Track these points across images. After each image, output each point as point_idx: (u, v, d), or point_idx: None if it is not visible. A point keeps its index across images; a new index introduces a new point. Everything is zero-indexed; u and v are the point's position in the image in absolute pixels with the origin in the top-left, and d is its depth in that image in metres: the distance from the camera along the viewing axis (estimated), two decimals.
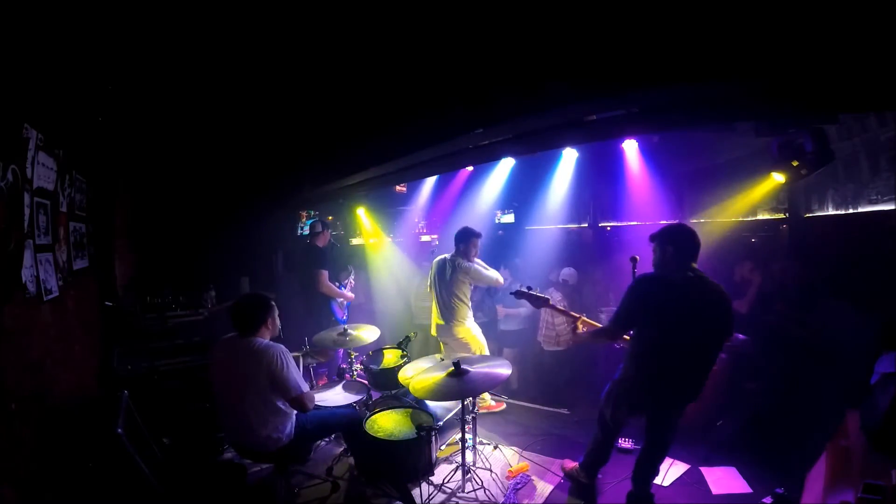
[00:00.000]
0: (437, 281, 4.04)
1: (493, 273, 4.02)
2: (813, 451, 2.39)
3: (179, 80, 2.89)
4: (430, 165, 4.45)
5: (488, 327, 4.63)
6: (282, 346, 2.51)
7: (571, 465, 3.06)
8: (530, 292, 3.13)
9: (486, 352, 4.06)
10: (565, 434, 3.74)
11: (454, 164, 4.48)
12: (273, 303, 2.65)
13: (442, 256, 4.11)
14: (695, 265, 2.45)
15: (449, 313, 3.97)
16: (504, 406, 4.17)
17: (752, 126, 3.27)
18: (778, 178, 3.45)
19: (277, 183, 4.74)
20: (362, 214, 6.11)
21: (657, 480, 2.80)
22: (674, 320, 2.35)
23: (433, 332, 4.16)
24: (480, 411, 3.97)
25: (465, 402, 2.94)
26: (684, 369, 2.41)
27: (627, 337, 2.77)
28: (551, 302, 3.16)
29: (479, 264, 4.00)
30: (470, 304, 4.05)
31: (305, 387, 2.56)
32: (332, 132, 3.77)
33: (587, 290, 5.02)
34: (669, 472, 3.06)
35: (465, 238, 3.97)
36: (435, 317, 4.09)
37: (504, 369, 2.80)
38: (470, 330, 4.01)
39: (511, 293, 3.26)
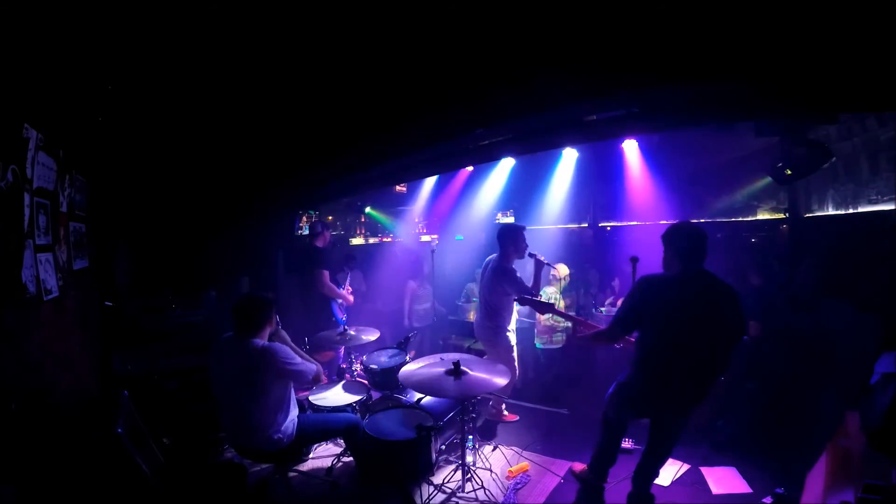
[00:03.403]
0: (481, 284, 3.81)
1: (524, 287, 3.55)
2: (813, 451, 2.39)
3: (179, 79, 2.89)
4: (430, 165, 4.46)
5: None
6: (278, 344, 2.54)
7: (581, 467, 3.05)
8: (534, 299, 3.12)
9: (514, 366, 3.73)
10: (565, 434, 3.74)
11: (454, 164, 4.50)
12: (272, 301, 2.66)
13: (490, 257, 3.80)
14: (701, 264, 2.40)
15: (485, 317, 3.71)
16: (517, 419, 3.99)
17: (752, 126, 3.27)
18: (776, 178, 3.45)
19: (278, 183, 4.74)
20: (365, 214, 6.12)
21: (657, 480, 2.80)
22: (676, 322, 2.33)
23: (476, 331, 3.92)
24: (489, 419, 3.93)
25: (466, 402, 2.94)
26: (689, 372, 2.37)
27: (630, 338, 2.76)
28: (555, 307, 3.14)
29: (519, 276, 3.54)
30: (507, 313, 3.66)
31: (313, 365, 2.65)
32: (332, 132, 3.77)
33: (586, 290, 5.03)
34: (669, 472, 3.06)
35: (506, 238, 3.60)
36: (476, 316, 3.89)
37: (501, 378, 2.74)
38: (500, 340, 3.68)
39: (514, 299, 3.25)
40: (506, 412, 4.04)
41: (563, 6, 2.20)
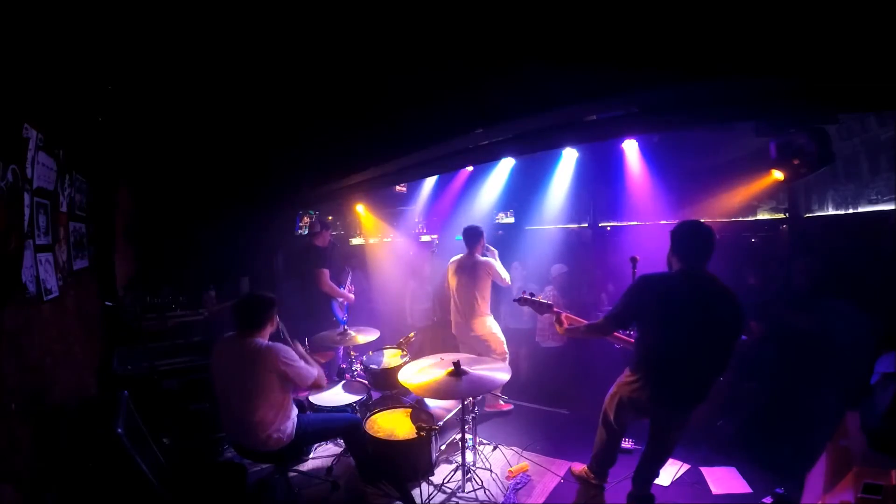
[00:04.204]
0: (456, 280, 4.09)
1: (504, 271, 4.10)
2: (813, 451, 2.39)
3: (179, 80, 2.89)
4: (430, 165, 4.45)
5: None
6: (280, 344, 2.54)
7: (580, 467, 3.05)
8: (533, 299, 3.11)
9: (506, 349, 4.08)
10: (565, 434, 3.74)
11: (454, 164, 4.49)
12: (274, 301, 2.66)
13: (457, 257, 4.17)
14: (704, 264, 2.37)
15: (469, 310, 4.01)
16: (511, 407, 4.19)
17: (752, 126, 3.27)
18: (777, 175, 3.44)
19: (278, 183, 4.74)
20: (362, 212, 6.11)
21: (657, 480, 2.80)
22: (676, 321, 2.32)
23: (454, 330, 4.19)
24: (488, 409, 4.07)
25: (466, 402, 2.94)
26: (689, 371, 2.36)
27: (624, 336, 2.76)
28: (554, 307, 3.14)
29: (496, 261, 4.10)
30: (487, 300, 4.10)
31: (314, 370, 2.63)
32: (333, 132, 3.77)
33: (586, 290, 5.02)
34: (669, 472, 3.06)
35: (476, 235, 4.08)
36: (455, 316, 4.14)
37: (502, 374, 2.77)
38: (490, 327, 4.06)
39: (514, 300, 3.27)
40: (501, 401, 4.14)
41: (563, 4, 2.20)
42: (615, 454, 2.83)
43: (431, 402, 3.26)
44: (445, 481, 3.01)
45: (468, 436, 3.07)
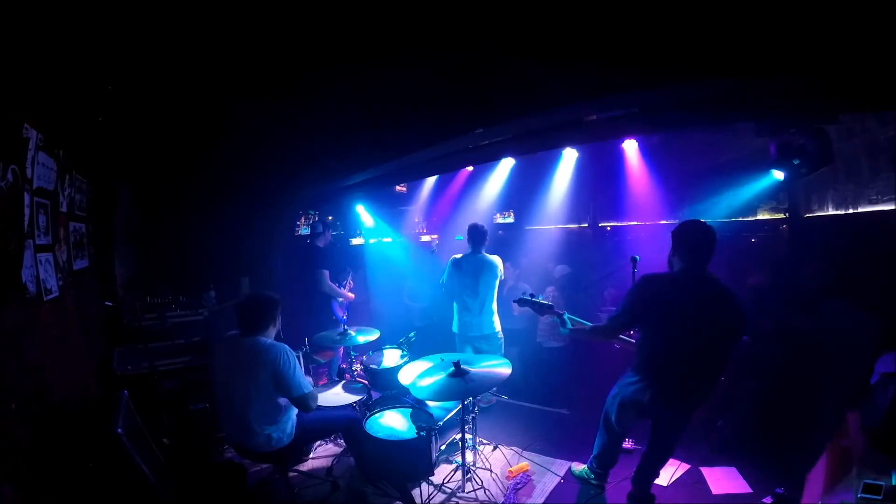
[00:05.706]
0: (469, 279, 4.02)
1: None
2: (813, 451, 2.39)
3: (179, 80, 2.88)
4: (430, 165, 4.46)
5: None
6: (286, 346, 2.52)
7: (580, 466, 3.05)
8: (533, 299, 3.11)
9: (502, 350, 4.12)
10: (565, 434, 3.74)
11: (454, 164, 4.50)
12: (278, 301, 2.66)
13: (459, 255, 4.10)
14: (705, 264, 2.37)
15: (480, 308, 4.01)
16: (495, 401, 4.20)
17: (752, 126, 3.27)
18: (777, 175, 3.43)
19: (277, 183, 4.74)
20: (362, 213, 6.12)
21: (657, 480, 2.80)
22: (678, 321, 2.32)
23: (457, 328, 4.15)
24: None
25: (465, 402, 2.94)
26: (691, 372, 2.36)
27: (625, 337, 2.76)
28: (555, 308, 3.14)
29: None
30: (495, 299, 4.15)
31: (309, 386, 2.57)
32: (333, 131, 3.76)
33: (583, 290, 5.03)
34: (669, 472, 3.06)
35: (484, 234, 4.06)
36: (462, 314, 4.09)
37: (504, 368, 2.80)
38: (497, 324, 4.09)
39: (514, 301, 3.26)
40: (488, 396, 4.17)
41: (564, 3, 2.20)
42: (616, 455, 2.82)
43: (431, 402, 3.25)
44: (445, 481, 3.01)
45: (468, 436, 3.07)
